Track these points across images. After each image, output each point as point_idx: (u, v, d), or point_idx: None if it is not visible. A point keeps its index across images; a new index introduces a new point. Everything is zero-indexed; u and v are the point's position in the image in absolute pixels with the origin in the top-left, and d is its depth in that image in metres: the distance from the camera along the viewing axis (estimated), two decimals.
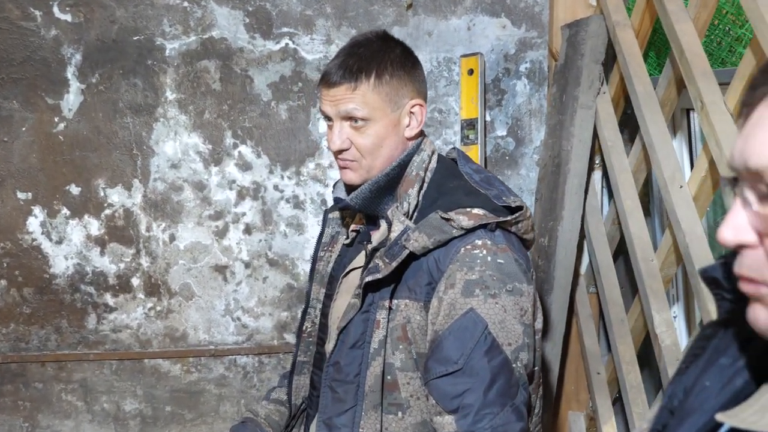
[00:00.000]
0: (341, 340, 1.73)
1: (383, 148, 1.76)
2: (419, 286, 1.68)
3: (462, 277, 1.62)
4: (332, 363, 1.74)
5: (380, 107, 1.74)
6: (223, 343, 3.11)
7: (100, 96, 3.01)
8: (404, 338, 1.68)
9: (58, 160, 3.03)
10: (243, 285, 3.10)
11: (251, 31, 3.02)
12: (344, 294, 1.85)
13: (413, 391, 1.69)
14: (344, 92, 1.71)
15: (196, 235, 3.07)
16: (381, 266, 1.67)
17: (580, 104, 2.73)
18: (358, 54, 1.74)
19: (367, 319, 1.70)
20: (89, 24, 2.99)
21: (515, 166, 3.08)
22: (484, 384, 1.58)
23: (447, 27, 3.03)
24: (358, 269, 1.83)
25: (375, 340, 1.68)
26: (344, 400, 1.72)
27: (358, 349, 1.70)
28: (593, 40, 2.75)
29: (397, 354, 1.68)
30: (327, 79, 1.74)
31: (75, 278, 3.08)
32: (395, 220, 1.72)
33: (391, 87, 1.75)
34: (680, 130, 2.71)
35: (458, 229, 1.65)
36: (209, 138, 3.04)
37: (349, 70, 1.72)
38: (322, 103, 1.76)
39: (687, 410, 0.99)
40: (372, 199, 1.78)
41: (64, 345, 3.10)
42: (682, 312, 2.68)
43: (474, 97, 2.92)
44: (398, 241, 1.67)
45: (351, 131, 1.74)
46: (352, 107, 1.71)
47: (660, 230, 2.84)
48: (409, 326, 1.68)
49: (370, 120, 1.73)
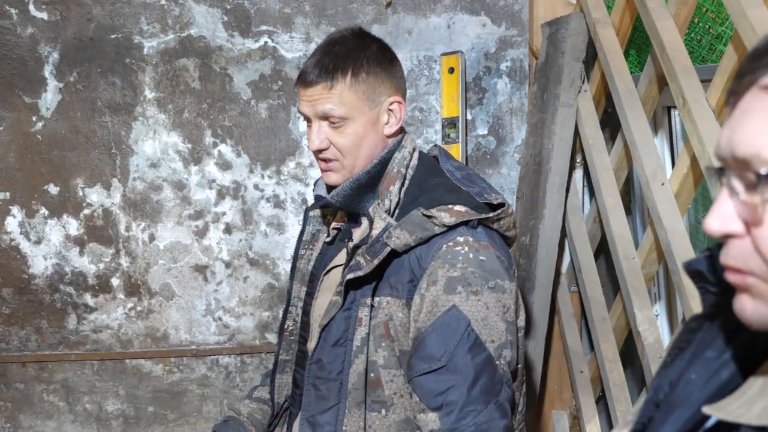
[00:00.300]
0: (323, 338, 1.71)
1: (363, 147, 1.73)
2: (401, 284, 1.66)
3: (444, 274, 1.60)
4: (315, 361, 1.72)
5: (357, 106, 1.71)
6: (205, 343, 3.08)
7: (78, 95, 2.97)
8: (387, 336, 1.66)
9: (36, 159, 2.99)
10: (224, 285, 3.06)
11: (230, 29, 2.98)
12: (326, 292, 1.83)
13: (396, 389, 1.67)
14: (321, 92, 1.68)
15: (176, 234, 3.04)
16: (362, 264, 1.65)
17: (561, 102, 2.71)
18: (334, 52, 1.71)
19: (349, 317, 1.68)
20: (66, 22, 2.95)
21: (496, 164, 3.05)
22: (467, 381, 1.56)
23: (427, 25, 3.00)
24: (339, 267, 1.81)
25: (357, 337, 1.67)
26: (327, 398, 1.70)
27: (340, 347, 1.68)
28: (574, 38, 2.73)
29: (380, 351, 1.66)
30: (303, 79, 1.71)
31: (54, 278, 3.04)
32: (377, 217, 1.70)
33: (368, 85, 1.72)
34: (661, 128, 2.69)
35: (440, 226, 1.62)
36: (189, 137, 3.01)
37: (324, 69, 1.69)
38: (300, 103, 1.73)
39: (673, 403, 0.98)
40: (353, 196, 1.75)
41: (45, 345, 3.06)
42: (664, 310, 2.66)
43: (455, 95, 2.89)
44: (380, 239, 1.65)
45: (329, 131, 1.71)
46: (329, 107, 1.68)
47: (641, 228, 2.82)
48: (392, 323, 1.66)
49: (347, 119, 1.70)
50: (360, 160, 1.73)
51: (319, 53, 1.72)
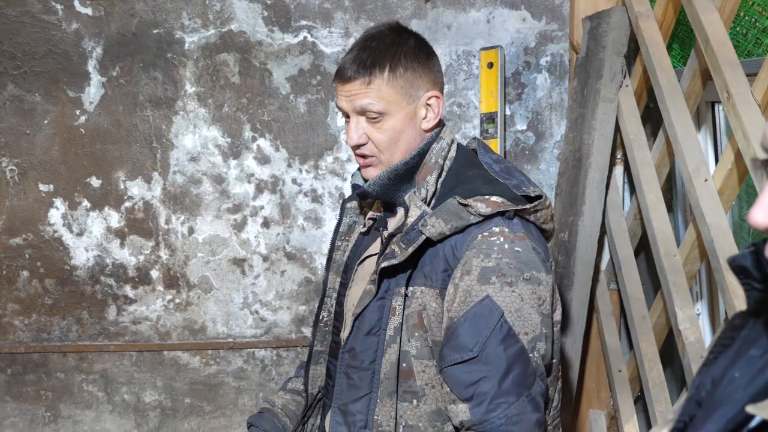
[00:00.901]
0: (356, 327, 1.70)
1: (400, 142, 1.71)
2: (435, 273, 1.63)
3: (478, 264, 1.57)
4: (348, 349, 1.71)
5: (395, 101, 1.68)
6: (242, 336, 3.06)
7: (121, 89, 2.98)
8: (420, 326, 1.64)
9: (79, 152, 3.00)
10: (261, 278, 3.04)
11: (270, 24, 2.96)
12: (359, 281, 1.80)
13: (428, 379, 1.64)
14: (359, 87, 1.66)
15: (215, 228, 3.02)
16: (397, 252, 1.63)
17: (601, 97, 2.66)
18: (372, 47, 1.68)
19: (383, 306, 1.67)
20: (109, 17, 2.96)
21: (535, 160, 3.00)
22: (499, 372, 1.53)
23: (466, 20, 2.95)
24: (373, 256, 1.79)
25: (390, 327, 1.64)
26: (359, 387, 1.68)
27: (373, 336, 1.67)
28: (615, 32, 2.68)
29: (412, 341, 1.64)
30: (341, 74, 1.68)
31: (95, 270, 3.04)
32: (412, 205, 1.67)
33: (406, 80, 1.69)
34: (705, 124, 2.63)
35: (476, 216, 1.59)
36: (228, 131, 2.99)
37: (362, 64, 1.66)
38: (337, 99, 1.70)
39: (715, 402, 0.94)
40: (390, 186, 1.73)
41: (85, 336, 3.06)
42: (706, 309, 2.60)
43: (494, 90, 2.85)
44: (415, 227, 1.63)
45: (367, 126, 1.68)
46: (367, 102, 1.65)
47: (683, 226, 2.76)
48: (425, 313, 1.63)
49: (385, 114, 1.67)
50: (397, 155, 1.71)
51: (356, 49, 1.70)
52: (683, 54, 2.68)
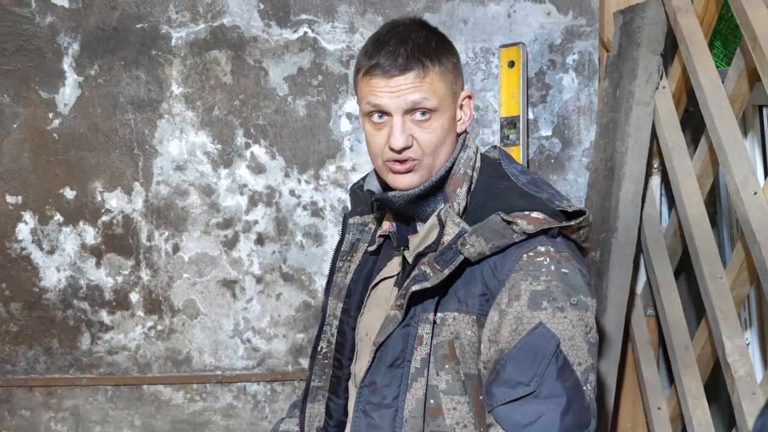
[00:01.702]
0: (378, 358, 1.67)
1: (445, 145, 1.71)
2: (471, 297, 1.62)
3: (527, 287, 1.57)
4: (367, 384, 1.68)
5: (446, 97, 1.69)
6: (232, 368, 3.04)
7: (99, 90, 2.98)
8: (451, 357, 1.62)
9: (52, 160, 3.00)
10: (254, 302, 3.03)
11: (266, 18, 2.97)
12: (373, 308, 1.80)
13: (459, 418, 1.62)
14: (412, 80, 1.64)
15: (203, 245, 3.02)
16: (429, 274, 1.61)
17: (636, 100, 2.67)
18: (413, 39, 1.67)
19: (407, 334, 1.64)
20: (88, 10, 2.97)
21: (562, 170, 3.00)
22: (560, 409, 1.51)
23: (485, 14, 2.97)
24: (390, 279, 1.78)
25: (417, 358, 1.62)
26: (380, 427, 1.65)
27: (397, 369, 1.64)
28: (650, 28, 2.70)
29: (442, 375, 1.62)
30: (385, 68, 1.65)
31: (68, 292, 3.03)
32: (449, 221, 1.65)
33: (453, 75, 1.71)
34: (752, 129, 2.66)
35: (519, 234, 1.59)
36: (219, 137, 3.00)
37: (412, 55, 1.65)
38: (374, 96, 1.66)
39: None
40: (415, 201, 1.72)
41: (55, 368, 3.05)
42: (756, 338, 2.61)
43: (515, 92, 2.86)
44: (452, 246, 1.61)
45: (412, 126, 1.67)
46: (421, 97, 1.64)
47: (729, 243, 2.77)
48: (458, 343, 1.62)
49: (436, 112, 1.67)
50: (439, 159, 1.70)
51: (392, 41, 1.67)
52: (726, 52, 2.73)
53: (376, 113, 1.67)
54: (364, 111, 1.70)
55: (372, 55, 1.67)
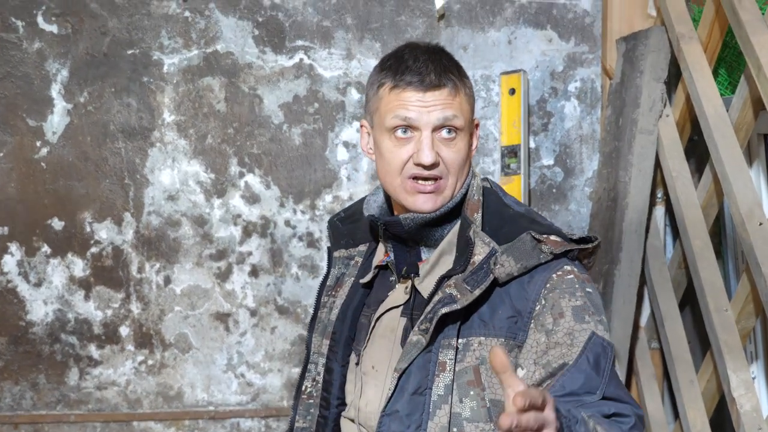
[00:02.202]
0: (400, 386, 1.66)
1: (465, 168, 1.75)
2: (499, 320, 1.64)
3: (567, 304, 1.62)
4: (389, 412, 1.66)
5: (468, 120, 1.74)
6: (225, 403, 3.06)
7: (89, 117, 2.99)
8: (477, 383, 1.63)
9: (40, 190, 3.00)
10: (248, 336, 3.05)
11: (261, 44, 3.00)
12: (379, 339, 1.80)
13: None
14: (446, 97, 1.68)
15: (195, 277, 3.03)
16: (457, 296, 1.62)
17: (639, 129, 2.72)
18: (442, 59, 1.72)
19: (429, 360, 1.65)
20: (77, 36, 2.98)
21: (564, 200, 3.04)
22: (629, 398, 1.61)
23: (485, 40, 3.01)
24: (395, 309, 1.79)
25: (439, 385, 1.63)
26: None
27: (420, 396, 1.64)
28: (654, 55, 2.75)
29: (466, 402, 1.63)
30: (419, 82, 1.68)
31: (55, 326, 3.03)
32: (478, 241, 1.68)
33: (473, 100, 1.77)
34: (757, 159, 2.69)
35: (546, 255, 1.64)
36: (212, 166, 3.02)
37: (446, 71, 1.70)
38: (404, 109, 1.69)
39: None
40: (427, 225, 1.75)
41: (41, 404, 3.04)
42: (762, 372, 2.63)
43: (516, 120, 2.89)
44: (483, 266, 1.64)
45: (439, 144, 1.70)
46: (451, 114, 1.68)
47: (735, 276, 2.79)
48: (483, 368, 1.63)
49: (462, 132, 1.71)
50: (460, 182, 1.74)
51: (422, 58, 1.71)
52: (731, 80, 2.73)
53: (401, 128, 1.69)
54: (388, 125, 1.70)
55: (400, 70, 1.70)
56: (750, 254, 2.17)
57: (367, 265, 1.92)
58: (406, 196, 1.72)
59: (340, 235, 2.00)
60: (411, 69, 1.69)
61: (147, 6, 2.99)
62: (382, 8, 3.01)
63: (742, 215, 2.22)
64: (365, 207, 1.87)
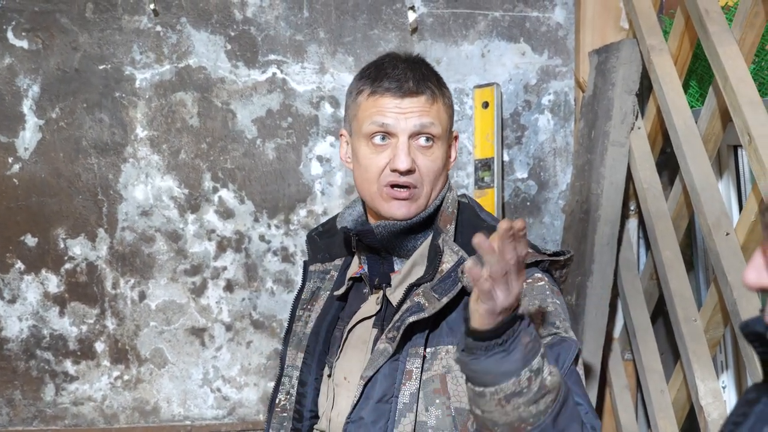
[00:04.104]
0: (366, 394, 1.70)
1: (441, 177, 1.79)
2: None
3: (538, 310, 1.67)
4: (354, 419, 1.70)
5: (446, 130, 1.78)
6: (201, 417, 3.08)
7: (61, 133, 3.01)
8: (443, 391, 1.67)
9: (12, 206, 3.01)
10: (224, 350, 3.07)
11: (233, 58, 3.03)
12: (350, 350, 1.83)
13: None
14: (423, 104, 1.73)
15: (170, 292, 3.06)
16: (425, 304, 1.66)
17: (611, 141, 2.74)
18: (420, 68, 1.77)
19: (395, 369, 1.69)
20: (48, 51, 3.00)
21: (538, 213, 3.08)
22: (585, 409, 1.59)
23: (458, 54, 3.05)
24: (367, 320, 1.82)
25: (405, 393, 1.67)
26: None
27: (385, 404, 1.68)
28: (625, 68, 2.77)
29: (431, 410, 1.67)
30: (397, 88, 1.73)
31: (30, 342, 3.04)
32: (447, 249, 1.72)
33: (452, 111, 1.82)
34: (727, 170, 2.71)
35: None
36: (185, 181, 3.04)
37: (424, 79, 1.74)
38: (381, 116, 1.74)
39: None
40: (399, 234, 1.78)
41: (17, 420, 3.05)
42: (731, 381, 2.65)
43: (489, 133, 2.92)
44: (452, 274, 1.68)
45: (415, 152, 1.74)
46: (428, 121, 1.73)
47: (705, 287, 2.82)
48: (450, 376, 1.67)
49: (438, 140, 1.75)
50: (435, 191, 1.79)
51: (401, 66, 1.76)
52: (702, 92, 2.75)
53: (379, 134, 1.74)
54: (365, 132, 1.75)
55: (379, 77, 1.75)
56: (717, 264, 2.20)
57: (342, 279, 1.95)
58: (381, 202, 1.76)
59: (317, 249, 2.04)
60: (389, 76, 1.73)
61: (118, 21, 3.00)
62: (355, 22, 3.05)
63: (709, 225, 2.24)
64: (339, 220, 1.91)
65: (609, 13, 2.95)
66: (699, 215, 2.33)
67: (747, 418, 1.00)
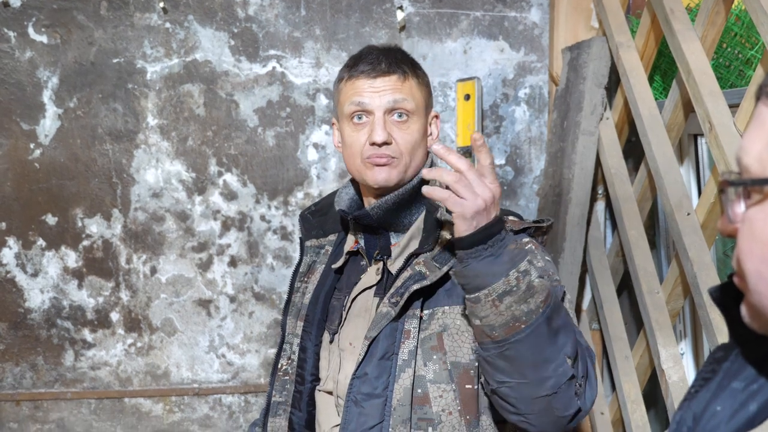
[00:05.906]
0: (370, 352, 1.71)
1: (420, 150, 1.79)
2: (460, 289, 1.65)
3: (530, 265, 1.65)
4: (359, 375, 1.71)
5: (421, 105, 1.78)
6: (208, 381, 3.08)
7: (78, 121, 3.00)
8: (439, 348, 1.68)
9: (34, 188, 3.01)
10: (228, 320, 3.07)
11: (237, 53, 3.01)
12: (354, 318, 1.82)
13: (445, 405, 1.67)
14: (394, 82, 1.74)
15: (179, 267, 3.05)
16: (426, 273, 1.67)
17: (582, 130, 2.73)
18: (394, 54, 1.79)
19: (395, 329, 1.69)
20: (66, 46, 2.98)
21: (514, 196, 3.07)
22: None
23: (442, 50, 3.03)
24: (368, 290, 1.82)
25: (404, 350, 1.68)
26: (370, 416, 1.69)
27: (386, 361, 1.69)
28: (595, 63, 2.76)
29: (429, 365, 1.68)
30: (370, 69, 1.75)
31: (51, 313, 3.05)
32: (446, 222, 1.71)
33: (427, 90, 1.82)
34: (687, 157, 2.71)
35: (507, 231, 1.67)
36: (193, 166, 3.03)
37: (396, 61, 1.76)
38: (357, 96, 1.76)
39: None
40: (393, 211, 1.78)
41: (40, 383, 3.07)
42: (690, 348, 2.66)
43: (471, 123, 2.91)
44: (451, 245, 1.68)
45: (392, 126, 1.75)
46: (401, 97, 1.74)
47: (666, 263, 2.83)
48: (446, 334, 1.68)
49: (413, 115, 1.76)
50: (414, 162, 1.78)
51: (375, 52, 1.78)
52: (665, 86, 2.75)
53: (357, 114, 1.75)
54: (346, 113, 1.76)
55: (356, 64, 1.77)
56: (678, 241, 2.20)
57: (338, 252, 1.95)
58: (366, 171, 1.77)
59: (310, 227, 2.03)
60: (364, 60, 1.76)
61: (130, 18, 2.98)
62: (348, 20, 3.02)
63: (672, 206, 2.24)
64: (336, 200, 1.91)
65: (581, 13, 2.94)
66: (662, 197, 2.33)
67: (716, 374, 1.01)
